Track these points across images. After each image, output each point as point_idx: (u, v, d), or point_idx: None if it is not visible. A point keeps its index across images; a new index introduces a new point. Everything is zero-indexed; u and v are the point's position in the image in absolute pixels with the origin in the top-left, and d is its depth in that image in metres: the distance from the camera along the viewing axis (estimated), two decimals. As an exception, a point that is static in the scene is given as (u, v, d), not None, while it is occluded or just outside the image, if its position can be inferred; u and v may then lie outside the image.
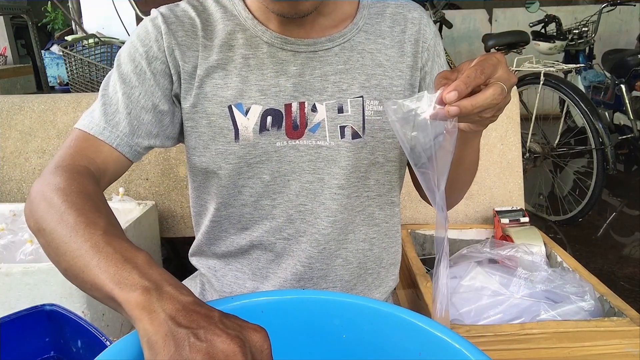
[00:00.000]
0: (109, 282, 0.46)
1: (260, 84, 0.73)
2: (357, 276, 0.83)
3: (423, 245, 1.20)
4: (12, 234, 0.96)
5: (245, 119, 0.73)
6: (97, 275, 0.47)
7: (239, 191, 0.77)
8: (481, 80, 0.55)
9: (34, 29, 2.71)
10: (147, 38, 0.73)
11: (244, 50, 0.73)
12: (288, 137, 0.74)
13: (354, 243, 0.81)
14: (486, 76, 0.55)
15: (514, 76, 0.58)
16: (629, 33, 5.14)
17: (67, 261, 0.52)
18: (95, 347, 0.57)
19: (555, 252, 1.02)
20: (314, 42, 0.73)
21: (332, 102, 0.74)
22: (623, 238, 2.77)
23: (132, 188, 1.27)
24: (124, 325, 1.01)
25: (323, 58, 0.74)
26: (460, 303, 0.88)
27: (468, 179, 0.81)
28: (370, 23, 0.77)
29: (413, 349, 0.48)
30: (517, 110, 1.31)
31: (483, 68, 0.55)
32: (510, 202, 1.28)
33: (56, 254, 0.54)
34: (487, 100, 0.54)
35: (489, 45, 3.37)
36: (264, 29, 0.73)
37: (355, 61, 0.75)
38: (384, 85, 0.76)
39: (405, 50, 0.78)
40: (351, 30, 0.75)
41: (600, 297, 0.86)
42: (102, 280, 0.47)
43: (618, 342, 0.77)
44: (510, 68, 3.02)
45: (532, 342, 0.77)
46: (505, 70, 0.57)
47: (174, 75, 0.73)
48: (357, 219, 0.80)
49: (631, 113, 3.21)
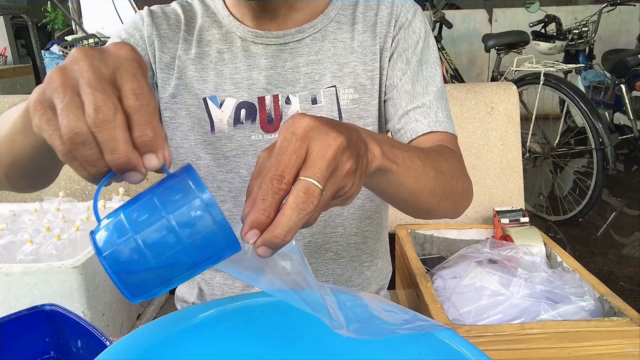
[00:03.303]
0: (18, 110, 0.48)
1: (234, 77, 0.75)
2: (352, 269, 0.83)
3: (423, 245, 1.20)
4: (12, 234, 0.96)
5: (219, 111, 0.74)
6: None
7: (217, 186, 0.78)
8: (284, 190, 0.38)
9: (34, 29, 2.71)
10: (131, 27, 0.77)
11: (219, 44, 0.76)
12: (263, 131, 0.75)
13: (345, 237, 0.81)
14: (290, 176, 0.38)
15: (335, 139, 0.39)
16: (629, 33, 5.14)
17: None
18: (95, 347, 0.57)
19: (555, 252, 1.02)
20: (283, 34, 0.74)
21: (305, 94, 0.74)
22: (623, 238, 2.77)
23: (132, 188, 1.27)
24: (123, 325, 1.01)
25: (294, 50, 0.75)
26: (460, 303, 0.88)
27: (420, 206, 0.63)
28: (342, 13, 0.77)
29: (413, 349, 0.48)
30: (517, 110, 1.31)
31: (281, 169, 0.38)
32: (510, 202, 1.28)
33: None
34: (292, 220, 0.37)
35: (489, 45, 3.37)
36: (238, 24, 0.76)
37: (327, 50, 0.75)
38: (359, 72, 0.75)
39: (377, 32, 0.76)
40: (322, 20, 0.75)
41: (600, 297, 0.86)
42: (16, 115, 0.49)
43: (618, 342, 0.77)
44: (510, 68, 3.05)
45: (532, 342, 0.77)
46: (316, 143, 0.39)
47: (153, 64, 0.76)
48: (346, 211, 0.80)
49: (631, 113, 3.22)
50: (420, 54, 0.75)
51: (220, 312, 0.49)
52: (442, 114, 0.74)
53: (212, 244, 0.38)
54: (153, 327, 0.46)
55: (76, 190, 1.27)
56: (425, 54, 0.76)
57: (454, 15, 5.09)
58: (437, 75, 0.76)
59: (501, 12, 5.35)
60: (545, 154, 2.98)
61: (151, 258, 0.36)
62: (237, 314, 0.44)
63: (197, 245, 0.37)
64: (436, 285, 0.94)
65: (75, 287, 0.83)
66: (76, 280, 0.83)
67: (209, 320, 0.49)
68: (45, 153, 0.48)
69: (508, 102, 1.29)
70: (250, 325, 0.50)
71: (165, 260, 0.37)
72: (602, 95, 3.53)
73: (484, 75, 5.33)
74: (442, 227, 1.20)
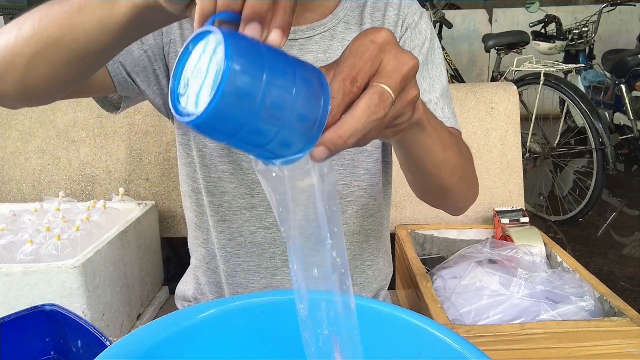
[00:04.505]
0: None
1: None
2: (354, 267, 0.83)
3: (423, 245, 1.20)
4: (12, 234, 0.96)
5: None
6: None
7: (219, 177, 0.78)
8: (354, 93, 0.36)
9: (34, 29, 2.71)
10: None
11: None
12: None
13: (348, 235, 0.81)
14: (363, 81, 0.37)
15: (410, 58, 0.38)
16: (629, 33, 5.14)
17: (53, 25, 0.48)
18: (95, 347, 0.57)
19: (555, 252, 1.02)
20: (294, 30, 0.74)
21: None
22: (623, 238, 2.77)
23: (132, 188, 1.27)
24: (123, 325, 1.01)
25: (303, 46, 0.75)
26: (460, 303, 0.88)
27: (440, 182, 0.63)
28: (351, 14, 0.78)
29: (413, 349, 0.48)
30: (517, 110, 1.31)
31: (355, 71, 0.36)
32: (510, 202, 1.28)
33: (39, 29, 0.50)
34: (360, 122, 0.36)
35: (489, 45, 3.37)
36: None
37: (335, 49, 0.75)
38: None
39: None
40: (331, 20, 0.76)
41: (600, 297, 0.86)
42: None
43: (618, 342, 0.77)
44: (510, 68, 3.05)
45: (532, 342, 0.77)
46: (392, 57, 0.38)
47: (167, 63, 0.75)
48: (349, 210, 0.80)
49: (631, 113, 3.22)
50: (426, 54, 0.76)
51: (220, 312, 0.49)
52: (448, 110, 0.75)
53: (303, 129, 0.34)
54: (153, 327, 0.46)
55: (76, 190, 1.27)
56: (431, 55, 0.77)
57: (454, 15, 5.09)
58: (443, 75, 0.77)
59: (501, 12, 5.35)
60: (545, 154, 2.98)
61: (258, 102, 0.32)
62: (237, 314, 0.44)
63: (294, 120, 0.33)
64: (436, 285, 0.94)
65: (75, 287, 0.83)
66: (76, 280, 0.83)
67: (209, 320, 0.49)
68: (109, 39, 0.46)
69: (508, 102, 1.29)
70: (250, 325, 0.50)
71: (263, 114, 0.33)
72: (602, 95, 3.53)
73: (484, 75, 5.33)
74: (442, 227, 1.20)
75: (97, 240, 0.93)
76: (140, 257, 1.09)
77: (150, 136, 1.26)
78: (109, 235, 0.96)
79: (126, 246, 1.01)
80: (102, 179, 1.27)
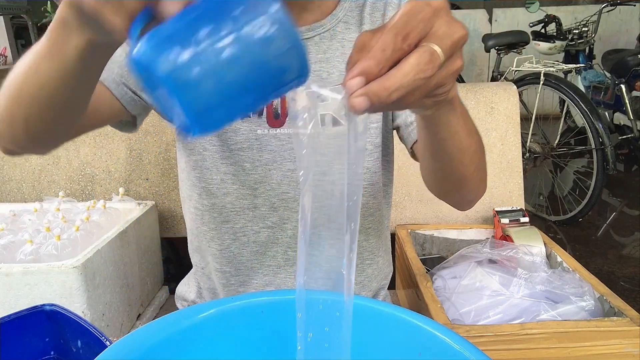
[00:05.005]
0: None
1: None
2: None
3: (423, 245, 1.20)
4: (12, 234, 0.96)
5: None
6: None
7: (221, 179, 0.78)
8: (404, 50, 0.36)
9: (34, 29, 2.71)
10: None
11: None
12: (269, 125, 0.75)
13: None
14: (414, 39, 0.37)
15: (461, 28, 0.39)
16: (629, 33, 5.14)
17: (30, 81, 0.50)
18: (95, 347, 0.57)
19: (555, 252, 1.02)
20: None
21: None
22: (623, 238, 2.77)
23: (132, 188, 1.27)
24: (123, 325, 1.01)
25: None
26: (460, 303, 0.88)
27: (460, 169, 0.64)
28: (350, 14, 0.78)
29: (413, 349, 0.48)
30: (517, 110, 1.31)
31: (408, 29, 0.36)
32: (510, 202, 1.28)
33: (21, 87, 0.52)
34: (407, 78, 0.35)
35: (489, 45, 3.37)
36: None
37: (335, 50, 0.75)
38: None
39: None
40: (331, 20, 0.76)
41: (600, 297, 0.86)
42: None
43: (618, 342, 0.77)
44: (510, 68, 3.05)
45: (532, 342, 0.77)
46: (444, 22, 0.38)
47: None
48: None
49: (631, 113, 3.22)
50: None
51: (220, 312, 0.49)
52: None
53: (282, 68, 0.33)
54: (153, 327, 0.46)
55: (76, 190, 1.27)
56: None
57: (454, 15, 5.07)
58: None
59: (501, 12, 5.35)
60: (545, 154, 2.98)
61: (216, 78, 0.31)
62: (237, 314, 0.44)
63: (265, 67, 0.32)
64: (436, 285, 0.94)
65: (75, 287, 0.83)
66: (76, 280, 0.83)
67: (209, 320, 0.49)
68: (73, 75, 0.47)
69: (508, 102, 1.29)
70: (250, 325, 0.50)
71: (230, 84, 0.31)
72: (602, 95, 3.53)
73: (484, 75, 5.33)
74: (442, 227, 1.20)
75: (97, 240, 0.93)
76: (140, 257, 1.09)
77: (150, 136, 1.26)
78: (109, 235, 0.96)
79: (126, 246, 1.02)
80: (102, 179, 1.27)
